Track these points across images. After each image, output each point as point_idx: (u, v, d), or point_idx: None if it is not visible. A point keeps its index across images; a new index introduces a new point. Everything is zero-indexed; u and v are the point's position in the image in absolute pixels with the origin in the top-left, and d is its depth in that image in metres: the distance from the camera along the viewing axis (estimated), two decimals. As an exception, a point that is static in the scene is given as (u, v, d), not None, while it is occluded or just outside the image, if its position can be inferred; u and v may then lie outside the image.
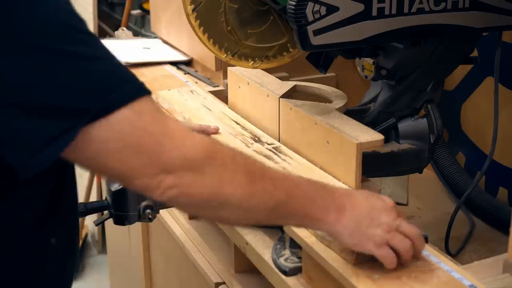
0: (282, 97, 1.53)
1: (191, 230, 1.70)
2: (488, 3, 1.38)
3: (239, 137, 1.55)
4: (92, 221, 1.51)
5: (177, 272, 1.88)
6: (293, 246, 1.26)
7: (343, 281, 1.07)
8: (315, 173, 1.36)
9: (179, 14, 2.17)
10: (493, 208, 1.75)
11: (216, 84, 2.04)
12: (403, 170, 1.55)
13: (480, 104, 1.83)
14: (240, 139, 1.53)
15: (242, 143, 1.51)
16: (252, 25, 1.49)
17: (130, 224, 1.41)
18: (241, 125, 1.63)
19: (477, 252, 1.65)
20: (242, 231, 1.39)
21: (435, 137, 1.50)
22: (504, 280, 1.09)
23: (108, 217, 1.41)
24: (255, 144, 1.51)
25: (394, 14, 1.30)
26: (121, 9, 3.41)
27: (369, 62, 1.48)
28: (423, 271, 1.07)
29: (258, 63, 1.53)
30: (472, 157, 1.88)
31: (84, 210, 1.41)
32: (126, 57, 2.22)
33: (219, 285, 1.51)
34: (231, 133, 1.58)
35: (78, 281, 3.24)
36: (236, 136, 1.55)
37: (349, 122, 1.37)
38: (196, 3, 1.44)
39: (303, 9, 1.22)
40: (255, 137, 1.55)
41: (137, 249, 2.17)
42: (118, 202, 1.38)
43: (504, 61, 1.51)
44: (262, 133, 1.56)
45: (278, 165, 1.39)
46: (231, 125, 1.64)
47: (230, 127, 1.62)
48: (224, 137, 1.55)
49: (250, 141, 1.52)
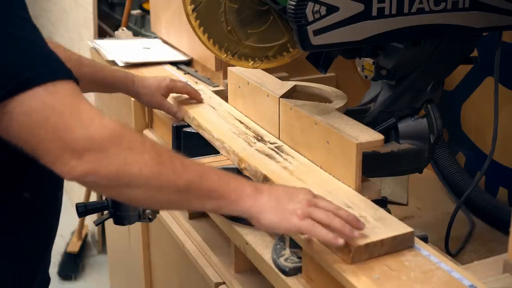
0: (282, 97, 1.53)
1: (191, 230, 1.70)
2: (488, 3, 1.38)
3: (242, 136, 1.55)
4: (92, 221, 1.51)
5: (177, 272, 1.88)
6: (293, 246, 1.26)
7: (343, 281, 1.07)
8: (317, 173, 1.36)
9: (179, 14, 2.17)
10: (493, 208, 1.75)
11: (216, 84, 2.04)
12: (403, 170, 1.55)
13: (480, 104, 1.83)
14: (243, 138, 1.54)
15: (245, 142, 1.51)
16: (252, 25, 1.49)
17: (130, 224, 1.41)
18: (245, 124, 1.64)
19: (477, 252, 1.65)
20: (242, 231, 1.39)
21: (435, 137, 1.50)
22: (504, 280, 1.09)
23: (108, 217, 1.41)
24: (258, 143, 1.51)
25: (394, 14, 1.30)
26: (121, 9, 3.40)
27: (369, 62, 1.48)
28: (423, 271, 1.07)
29: (258, 63, 1.53)
30: (472, 157, 1.88)
31: (84, 210, 1.41)
32: (126, 57, 2.22)
33: (219, 285, 1.51)
34: (234, 132, 1.58)
35: (78, 281, 3.24)
36: (239, 135, 1.56)
37: (349, 122, 1.37)
38: (196, 3, 1.44)
39: (303, 9, 1.22)
40: (258, 136, 1.55)
41: (137, 249, 2.17)
42: (118, 202, 1.38)
43: (504, 61, 1.51)
44: (265, 132, 1.56)
45: (280, 164, 1.39)
46: (234, 124, 1.64)
47: (233, 126, 1.62)
48: (227, 135, 1.55)
49: (253, 140, 1.53)
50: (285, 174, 1.35)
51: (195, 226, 1.71)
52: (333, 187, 1.29)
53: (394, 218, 1.19)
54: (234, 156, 1.47)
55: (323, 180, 1.32)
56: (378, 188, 1.36)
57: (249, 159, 1.42)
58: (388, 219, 1.17)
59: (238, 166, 1.44)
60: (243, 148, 1.47)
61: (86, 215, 1.46)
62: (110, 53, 2.27)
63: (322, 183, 1.31)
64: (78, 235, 3.38)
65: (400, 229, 1.14)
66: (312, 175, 1.34)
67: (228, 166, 1.47)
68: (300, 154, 1.45)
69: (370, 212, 1.19)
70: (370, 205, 1.22)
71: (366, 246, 1.09)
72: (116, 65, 2.19)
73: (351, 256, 1.08)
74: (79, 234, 3.38)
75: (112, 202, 1.39)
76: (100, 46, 2.36)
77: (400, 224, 1.16)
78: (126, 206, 1.39)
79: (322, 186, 1.29)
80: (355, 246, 1.08)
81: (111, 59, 2.23)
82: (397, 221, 1.18)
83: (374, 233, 1.12)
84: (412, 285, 1.04)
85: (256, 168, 1.37)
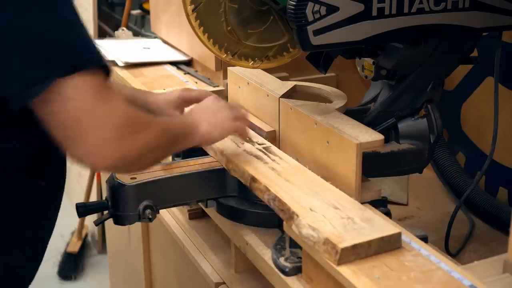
0: (282, 97, 1.53)
1: (191, 230, 1.70)
2: (488, 3, 1.38)
3: (230, 137, 1.54)
4: (92, 221, 1.51)
5: (177, 272, 1.88)
6: (293, 246, 1.26)
7: (343, 281, 1.07)
8: (305, 174, 1.35)
9: (179, 14, 2.17)
10: (493, 208, 1.75)
11: (216, 84, 2.04)
12: (403, 170, 1.55)
13: (480, 104, 1.83)
14: (231, 139, 1.52)
15: (233, 142, 1.50)
16: (252, 25, 1.49)
17: (130, 224, 1.41)
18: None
19: (477, 252, 1.65)
20: (242, 231, 1.39)
21: (435, 137, 1.50)
22: (504, 280, 1.09)
23: (108, 217, 1.41)
24: (246, 144, 1.49)
25: (394, 14, 1.30)
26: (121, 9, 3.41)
27: (369, 62, 1.48)
28: (423, 271, 1.07)
29: (258, 63, 1.53)
30: (472, 157, 1.88)
31: (84, 210, 1.41)
32: (126, 57, 2.22)
33: (219, 285, 1.51)
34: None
35: (78, 281, 3.24)
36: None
37: (349, 122, 1.37)
38: (196, 3, 1.44)
39: (303, 9, 1.22)
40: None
41: (137, 249, 2.17)
42: (118, 202, 1.38)
43: (504, 61, 1.51)
44: (253, 133, 1.55)
45: (268, 165, 1.38)
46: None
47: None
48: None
49: (241, 141, 1.51)
50: (273, 174, 1.34)
51: (195, 226, 1.71)
52: (320, 188, 1.28)
53: (382, 219, 1.18)
54: (221, 157, 1.45)
55: (310, 181, 1.31)
56: (378, 188, 1.36)
57: (237, 160, 1.41)
58: (376, 220, 1.17)
59: (226, 167, 1.44)
60: (231, 149, 1.46)
61: (86, 215, 1.46)
62: (110, 53, 2.27)
63: (310, 184, 1.30)
64: (78, 235, 3.38)
65: (387, 230, 1.13)
66: (300, 176, 1.33)
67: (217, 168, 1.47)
68: (300, 154, 1.45)
69: (358, 213, 1.18)
70: (358, 206, 1.22)
71: (353, 247, 1.09)
72: (116, 65, 2.19)
73: (338, 258, 1.08)
74: (79, 234, 3.38)
75: (112, 202, 1.39)
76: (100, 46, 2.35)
77: (388, 225, 1.16)
78: (126, 206, 1.39)
79: (310, 186, 1.28)
80: (342, 247, 1.08)
81: (111, 59, 2.23)
82: (385, 222, 1.17)
83: (361, 234, 1.11)
84: (412, 285, 1.04)
85: (244, 169, 1.37)
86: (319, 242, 1.11)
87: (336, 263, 1.08)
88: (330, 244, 1.09)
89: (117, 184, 1.37)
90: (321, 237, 1.11)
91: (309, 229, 1.14)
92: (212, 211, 1.50)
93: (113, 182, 1.38)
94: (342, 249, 1.08)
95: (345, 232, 1.12)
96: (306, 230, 1.14)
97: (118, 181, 1.37)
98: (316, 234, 1.12)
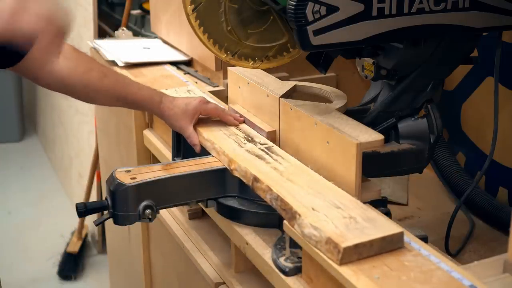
0: (282, 97, 1.53)
1: (191, 230, 1.70)
2: (488, 3, 1.38)
3: (233, 137, 1.54)
4: (92, 221, 1.51)
5: (177, 272, 1.88)
6: (293, 246, 1.26)
7: (343, 281, 1.07)
8: (307, 173, 1.35)
9: (179, 14, 2.17)
10: (493, 208, 1.75)
11: (216, 84, 2.04)
12: (403, 170, 1.55)
13: (480, 104, 1.83)
14: (233, 139, 1.52)
15: (235, 142, 1.50)
16: (252, 25, 1.49)
17: (130, 224, 1.41)
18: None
19: (477, 252, 1.66)
20: (242, 231, 1.39)
21: (435, 137, 1.50)
22: (504, 280, 1.09)
23: (108, 217, 1.41)
24: (248, 144, 1.50)
25: (394, 14, 1.30)
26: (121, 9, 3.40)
27: (369, 62, 1.48)
28: (423, 271, 1.07)
29: (258, 63, 1.53)
30: (472, 157, 1.88)
31: (84, 210, 1.41)
32: (126, 57, 2.22)
33: (219, 285, 1.51)
34: (225, 132, 1.57)
35: (78, 281, 3.24)
36: (230, 136, 1.55)
37: (349, 122, 1.37)
38: (196, 3, 1.44)
39: (303, 9, 1.22)
40: (248, 137, 1.54)
41: (137, 249, 2.17)
42: (118, 202, 1.38)
43: (504, 61, 1.51)
44: (255, 133, 1.55)
45: (270, 165, 1.38)
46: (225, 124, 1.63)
47: (224, 127, 1.61)
48: (217, 136, 1.55)
49: (243, 141, 1.51)
50: (275, 174, 1.34)
51: (195, 226, 1.71)
52: (323, 188, 1.28)
53: (384, 218, 1.18)
54: (224, 157, 1.46)
55: (312, 181, 1.31)
56: (378, 188, 1.36)
57: (239, 160, 1.41)
58: (378, 219, 1.17)
59: (228, 167, 1.44)
60: (233, 149, 1.47)
61: (86, 215, 1.46)
62: (110, 53, 2.27)
63: (312, 184, 1.30)
64: (78, 235, 3.38)
65: (390, 230, 1.13)
66: (302, 176, 1.33)
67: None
68: (300, 154, 1.45)
69: (360, 213, 1.18)
70: (360, 205, 1.22)
71: (355, 247, 1.09)
72: (116, 65, 2.19)
73: (340, 257, 1.08)
74: (79, 234, 3.39)
75: (112, 202, 1.39)
76: (100, 46, 2.36)
77: (390, 225, 1.16)
78: (126, 206, 1.39)
79: (312, 186, 1.28)
80: (344, 246, 1.08)
81: (111, 59, 2.23)
82: (387, 221, 1.17)
83: (363, 234, 1.11)
84: (412, 285, 1.04)
85: (246, 169, 1.37)
86: (321, 242, 1.11)
87: (339, 263, 1.08)
88: (332, 244, 1.09)
89: (117, 184, 1.37)
90: (323, 237, 1.11)
91: (311, 229, 1.14)
92: (212, 211, 1.51)
93: (113, 182, 1.38)
94: (344, 249, 1.08)
95: (347, 232, 1.12)
96: (308, 229, 1.14)
97: (118, 181, 1.37)
98: (318, 233, 1.12)
